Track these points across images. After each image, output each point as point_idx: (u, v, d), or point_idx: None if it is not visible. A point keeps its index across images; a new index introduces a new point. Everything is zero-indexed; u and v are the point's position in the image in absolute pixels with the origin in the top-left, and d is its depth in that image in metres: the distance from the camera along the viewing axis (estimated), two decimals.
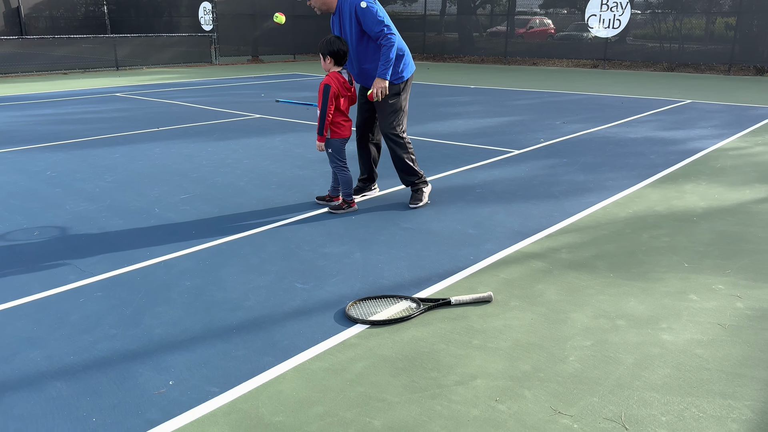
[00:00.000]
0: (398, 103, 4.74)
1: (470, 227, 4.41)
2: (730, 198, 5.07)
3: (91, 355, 2.76)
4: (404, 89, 4.78)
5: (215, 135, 8.00)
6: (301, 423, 2.29)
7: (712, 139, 7.43)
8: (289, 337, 2.91)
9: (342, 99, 4.58)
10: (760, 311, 3.13)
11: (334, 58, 4.48)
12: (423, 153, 6.75)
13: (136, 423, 2.30)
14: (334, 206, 4.81)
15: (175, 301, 3.30)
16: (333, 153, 4.68)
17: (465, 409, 2.37)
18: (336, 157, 4.70)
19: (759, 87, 13.25)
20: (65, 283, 3.52)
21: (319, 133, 4.56)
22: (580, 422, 2.28)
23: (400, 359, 2.72)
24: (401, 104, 4.77)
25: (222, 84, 14.55)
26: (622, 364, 2.66)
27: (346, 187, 4.74)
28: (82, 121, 9.16)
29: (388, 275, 3.61)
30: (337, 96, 4.52)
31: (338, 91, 4.51)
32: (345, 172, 4.72)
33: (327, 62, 4.52)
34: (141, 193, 5.34)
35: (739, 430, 2.23)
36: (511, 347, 2.81)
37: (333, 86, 4.46)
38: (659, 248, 3.99)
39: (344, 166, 4.72)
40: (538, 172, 5.96)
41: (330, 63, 4.51)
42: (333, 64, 4.51)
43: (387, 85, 4.58)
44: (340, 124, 4.62)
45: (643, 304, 3.21)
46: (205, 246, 4.09)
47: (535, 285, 3.46)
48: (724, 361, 2.67)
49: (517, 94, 12.25)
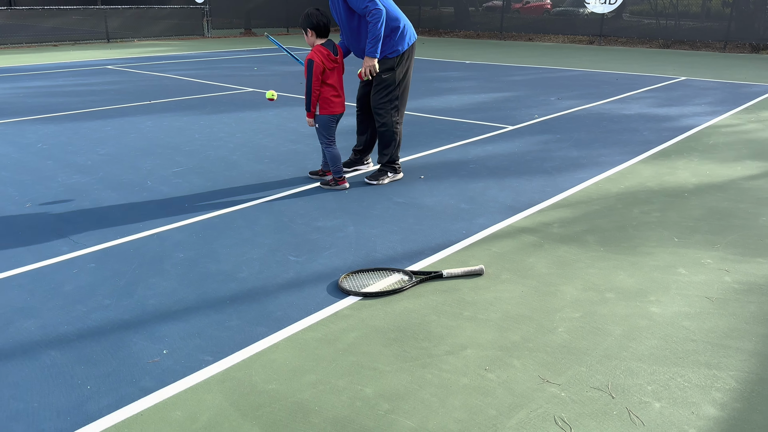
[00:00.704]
0: (392, 78, 4.66)
1: (463, 202, 4.43)
2: (722, 174, 5.10)
3: (85, 325, 2.78)
4: (400, 63, 4.66)
5: (207, 108, 7.94)
6: (294, 390, 2.33)
7: (706, 116, 7.44)
8: (282, 308, 2.94)
9: (330, 72, 4.46)
10: (747, 285, 3.17)
11: (315, 30, 4.40)
12: (417, 128, 6.74)
13: (130, 391, 2.32)
14: (325, 181, 4.79)
15: (169, 272, 3.32)
16: (320, 129, 4.59)
17: (455, 377, 2.41)
18: (323, 133, 4.61)
19: (754, 64, 13.23)
20: (58, 255, 3.53)
21: (307, 109, 4.49)
22: (567, 391, 2.32)
23: (392, 330, 2.75)
24: (395, 79, 4.67)
25: (214, 57, 14.40)
26: (610, 336, 2.70)
27: (335, 164, 4.67)
28: (73, 94, 9.06)
29: (381, 249, 3.63)
30: (324, 70, 4.43)
31: (323, 64, 4.41)
32: (331, 149, 4.63)
33: (309, 36, 4.44)
34: (133, 166, 5.32)
35: (722, 398, 2.28)
36: (501, 318, 2.84)
37: (317, 60, 4.36)
38: (650, 223, 4.02)
39: (330, 143, 4.62)
40: (532, 147, 5.97)
41: (313, 36, 4.43)
42: (316, 37, 4.42)
43: (375, 63, 4.52)
44: (329, 100, 4.50)
45: (632, 278, 3.25)
46: (198, 219, 4.09)
47: (526, 258, 3.50)
48: (710, 333, 2.72)
49: (512, 69, 12.19)
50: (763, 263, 3.42)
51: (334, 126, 4.63)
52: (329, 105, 4.53)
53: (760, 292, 3.09)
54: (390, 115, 4.72)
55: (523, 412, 2.21)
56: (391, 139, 4.79)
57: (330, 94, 4.51)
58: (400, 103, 4.79)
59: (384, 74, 4.64)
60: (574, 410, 2.21)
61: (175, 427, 2.13)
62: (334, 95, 4.53)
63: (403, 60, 4.69)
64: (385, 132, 4.77)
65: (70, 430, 2.11)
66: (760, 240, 3.74)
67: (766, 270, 3.34)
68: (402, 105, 4.81)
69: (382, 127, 4.76)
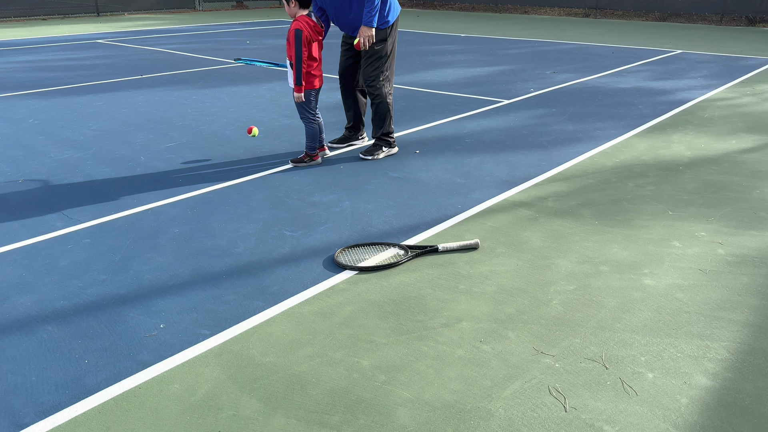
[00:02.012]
0: (384, 49, 4.62)
1: (458, 177, 4.42)
2: (716, 148, 5.10)
3: (81, 300, 2.78)
4: (390, 34, 4.65)
5: (200, 83, 7.86)
6: (291, 363, 2.35)
7: (701, 90, 7.42)
8: (278, 282, 2.95)
9: (314, 44, 4.39)
10: (740, 257, 3.20)
11: (298, 1, 4.31)
12: (411, 103, 6.69)
13: (128, 364, 2.34)
14: (296, 159, 4.69)
15: (164, 247, 3.31)
16: (302, 104, 4.50)
17: (450, 349, 2.43)
18: (305, 107, 4.52)
19: (750, 37, 13.16)
20: (53, 230, 3.51)
21: (297, 83, 4.37)
22: (561, 362, 2.35)
23: (388, 303, 2.76)
24: (387, 50, 4.65)
25: (206, 31, 14.20)
26: (604, 308, 2.72)
27: (311, 140, 4.61)
28: (63, 68, 8.94)
29: (377, 223, 3.64)
30: (309, 41, 4.35)
31: (310, 35, 4.34)
32: (312, 125, 4.56)
33: (291, 6, 4.34)
34: (126, 141, 5.27)
35: (714, 369, 2.31)
36: (496, 291, 2.86)
37: (304, 31, 4.28)
38: (644, 197, 4.03)
39: (312, 118, 4.56)
40: (528, 122, 5.94)
41: (295, 6, 4.33)
42: (298, 8, 4.33)
43: (373, 33, 4.48)
44: (310, 75, 4.44)
45: (626, 251, 3.27)
46: (192, 194, 4.07)
47: (521, 232, 3.51)
48: (703, 305, 2.75)
49: (507, 42, 12.08)
50: (756, 236, 3.45)
51: (314, 100, 4.56)
52: (310, 79, 4.45)
53: (753, 265, 3.11)
54: (383, 87, 4.70)
55: (517, 382, 2.23)
56: (386, 112, 4.76)
57: (311, 67, 4.43)
58: (391, 75, 4.77)
59: (377, 45, 4.59)
60: (568, 381, 2.24)
61: (173, 399, 2.15)
62: (315, 69, 4.46)
63: (392, 31, 4.67)
64: (380, 104, 4.74)
65: (69, 403, 2.13)
66: (754, 213, 3.76)
67: (759, 242, 3.37)
68: (392, 76, 4.79)
69: (377, 99, 4.72)
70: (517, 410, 2.09)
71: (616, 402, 2.13)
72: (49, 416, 2.07)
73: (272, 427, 2.02)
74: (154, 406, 2.12)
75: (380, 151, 4.84)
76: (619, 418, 2.06)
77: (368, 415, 2.07)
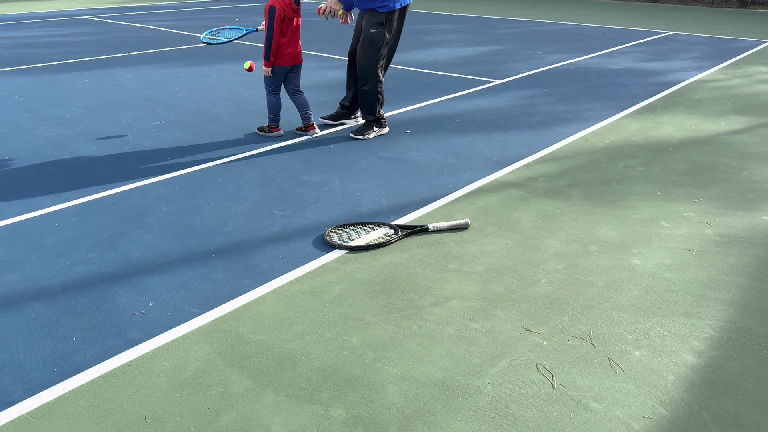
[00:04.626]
0: (379, 35, 4.54)
1: (449, 157, 4.41)
2: (706, 129, 5.12)
3: (69, 278, 2.76)
4: (388, 21, 4.54)
5: (188, 60, 7.76)
6: (281, 341, 2.35)
7: (692, 71, 7.42)
8: (268, 261, 2.94)
9: (288, 21, 4.43)
10: (727, 237, 3.22)
11: None
12: (402, 82, 6.65)
13: (116, 342, 2.33)
14: (261, 128, 4.84)
15: (152, 226, 3.29)
16: (268, 77, 4.61)
17: (440, 327, 2.44)
18: (269, 81, 4.64)
19: (741, 19, 13.15)
20: (39, 208, 3.48)
21: (266, 57, 4.47)
22: (549, 339, 2.37)
23: (378, 282, 2.77)
24: (383, 37, 4.55)
25: (193, 8, 13.98)
26: (593, 287, 2.74)
27: (272, 111, 4.73)
28: (48, 45, 8.79)
29: (367, 203, 3.63)
30: (284, 18, 4.39)
31: (284, 12, 4.37)
32: (271, 97, 4.69)
33: None
34: (113, 119, 5.21)
35: (700, 347, 2.34)
36: (486, 271, 2.87)
37: (278, 7, 4.33)
38: (634, 177, 4.04)
39: (273, 93, 4.68)
40: (518, 102, 5.93)
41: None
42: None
43: (339, 6, 4.50)
44: (280, 52, 4.49)
45: (615, 231, 3.29)
46: (181, 173, 4.04)
47: (511, 212, 3.51)
48: (690, 284, 2.77)
49: (499, 22, 12.00)
50: (743, 216, 3.47)
51: (281, 78, 4.65)
52: (279, 56, 4.52)
53: (740, 245, 3.14)
54: (375, 75, 4.64)
55: (506, 360, 2.25)
56: (374, 101, 4.72)
57: (283, 44, 4.47)
58: (387, 63, 4.73)
59: (372, 29, 4.53)
60: (555, 358, 2.26)
61: (162, 377, 2.15)
62: (286, 46, 4.49)
63: (393, 18, 4.57)
64: (368, 92, 4.69)
65: (57, 380, 2.12)
66: (742, 194, 3.79)
67: (746, 223, 3.39)
68: (387, 64, 4.76)
69: (366, 86, 4.67)
70: (505, 387, 2.11)
71: (603, 379, 2.16)
72: (37, 393, 2.06)
73: (262, 404, 2.03)
74: (143, 383, 2.12)
75: (371, 131, 4.80)
76: (605, 395, 2.08)
77: (358, 392, 2.08)
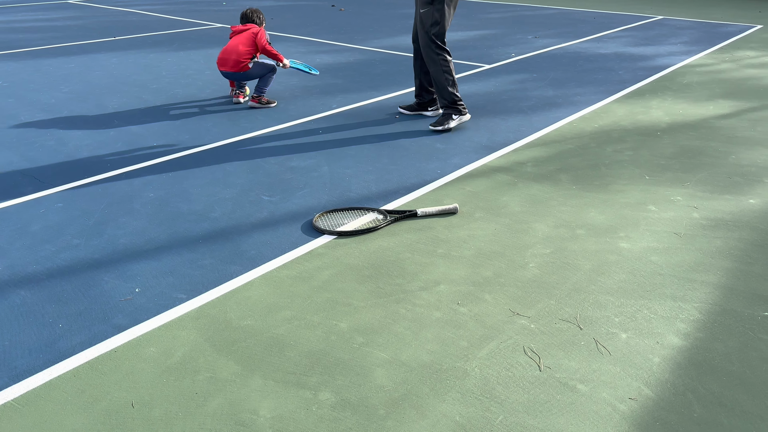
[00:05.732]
0: (429, 13, 4.34)
1: (438, 142, 4.40)
2: (694, 113, 5.13)
3: (54, 264, 2.74)
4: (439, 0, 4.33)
5: (175, 45, 7.66)
6: (269, 326, 2.34)
7: (681, 56, 7.43)
8: (256, 247, 2.92)
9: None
10: (714, 221, 3.24)
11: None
12: (392, 67, 6.61)
13: (103, 328, 2.31)
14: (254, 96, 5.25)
15: (139, 211, 3.26)
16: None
17: (428, 311, 2.44)
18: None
19: (730, 4, 13.15)
20: (23, 195, 3.44)
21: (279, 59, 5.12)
22: (537, 323, 2.38)
23: (366, 267, 2.76)
24: (434, 15, 4.34)
25: None
26: (580, 270, 2.75)
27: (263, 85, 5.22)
28: (33, 30, 8.65)
29: (356, 188, 3.61)
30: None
31: None
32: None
33: None
34: (99, 105, 5.15)
35: (686, 329, 2.36)
36: (474, 255, 2.87)
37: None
38: (622, 161, 4.05)
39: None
40: (508, 87, 5.91)
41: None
42: None
43: None
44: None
45: (603, 215, 3.30)
46: (167, 158, 4.00)
47: (499, 197, 3.51)
48: (677, 267, 2.79)
49: (489, 7, 11.94)
50: (730, 200, 3.49)
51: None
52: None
53: (726, 228, 3.16)
54: (436, 55, 4.44)
55: (493, 343, 2.26)
56: (442, 80, 4.50)
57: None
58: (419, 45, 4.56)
59: (421, 9, 4.37)
60: (543, 341, 2.27)
61: (149, 362, 2.14)
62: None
63: None
64: (435, 73, 4.50)
65: (43, 367, 2.11)
66: (729, 178, 3.81)
67: (732, 206, 3.41)
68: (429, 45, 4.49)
69: (431, 67, 4.50)
70: (493, 369, 2.12)
71: (590, 361, 2.17)
72: (22, 380, 2.05)
73: (250, 389, 2.03)
74: (130, 369, 2.11)
75: (450, 120, 4.58)
76: (592, 377, 2.09)
77: (346, 376, 2.09)
